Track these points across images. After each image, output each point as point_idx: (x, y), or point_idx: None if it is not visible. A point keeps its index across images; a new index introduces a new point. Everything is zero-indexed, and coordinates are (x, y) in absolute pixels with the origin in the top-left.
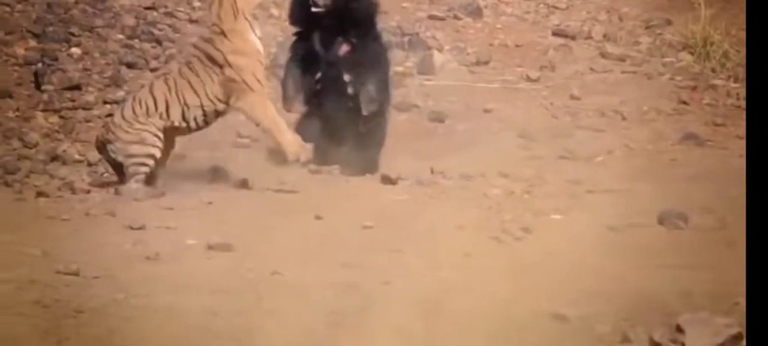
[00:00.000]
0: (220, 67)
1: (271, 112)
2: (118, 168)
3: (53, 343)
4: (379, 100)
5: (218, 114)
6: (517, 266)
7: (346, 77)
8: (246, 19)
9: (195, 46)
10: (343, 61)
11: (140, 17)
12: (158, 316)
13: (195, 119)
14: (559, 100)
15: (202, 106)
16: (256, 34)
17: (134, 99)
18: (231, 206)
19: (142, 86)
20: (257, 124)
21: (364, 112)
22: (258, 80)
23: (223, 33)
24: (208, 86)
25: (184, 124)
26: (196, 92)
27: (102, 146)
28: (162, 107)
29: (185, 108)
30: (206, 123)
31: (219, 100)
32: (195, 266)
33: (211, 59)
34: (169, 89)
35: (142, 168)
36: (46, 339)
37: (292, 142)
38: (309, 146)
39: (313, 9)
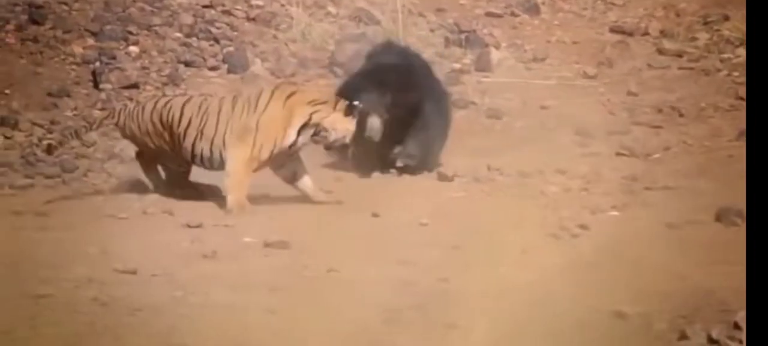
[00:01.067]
0: (254, 111)
1: (245, 179)
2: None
3: (111, 341)
4: (418, 157)
5: (221, 165)
6: (574, 263)
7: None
8: (293, 113)
9: (251, 93)
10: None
11: (198, 15)
12: (216, 314)
13: (201, 153)
14: (616, 97)
15: (211, 143)
16: (291, 131)
17: (166, 105)
18: (287, 204)
19: (176, 96)
20: (228, 176)
21: (399, 164)
22: (258, 150)
23: (269, 102)
24: (229, 124)
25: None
26: (216, 127)
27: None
28: (185, 124)
29: (199, 135)
30: (211, 165)
31: (221, 146)
32: (252, 264)
33: (254, 102)
34: (199, 111)
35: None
36: (103, 337)
37: (238, 200)
38: (248, 207)
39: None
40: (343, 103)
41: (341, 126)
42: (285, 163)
